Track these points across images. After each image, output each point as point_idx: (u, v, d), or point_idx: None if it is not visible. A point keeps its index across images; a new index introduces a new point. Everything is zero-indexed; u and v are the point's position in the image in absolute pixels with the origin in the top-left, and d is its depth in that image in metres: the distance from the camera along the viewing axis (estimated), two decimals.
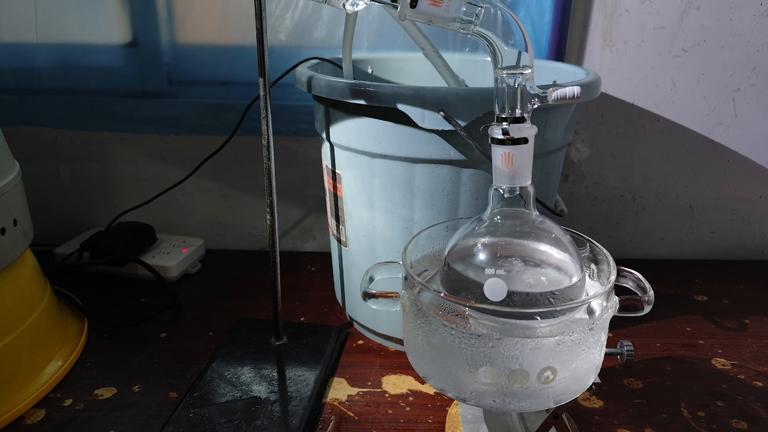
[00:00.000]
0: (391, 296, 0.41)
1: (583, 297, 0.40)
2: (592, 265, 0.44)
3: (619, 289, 0.40)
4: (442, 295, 0.37)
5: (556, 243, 0.42)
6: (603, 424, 0.50)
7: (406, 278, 0.41)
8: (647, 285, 0.41)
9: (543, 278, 0.40)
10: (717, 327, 0.66)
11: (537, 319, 0.39)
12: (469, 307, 0.37)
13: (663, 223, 0.84)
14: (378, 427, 0.50)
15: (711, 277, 0.79)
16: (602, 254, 0.42)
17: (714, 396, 0.54)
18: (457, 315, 0.38)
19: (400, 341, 0.54)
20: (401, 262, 0.42)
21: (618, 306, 0.39)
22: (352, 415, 0.52)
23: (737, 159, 0.80)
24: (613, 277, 0.39)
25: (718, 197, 0.83)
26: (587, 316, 0.39)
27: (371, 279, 0.44)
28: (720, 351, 0.61)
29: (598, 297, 0.38)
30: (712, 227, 0.84)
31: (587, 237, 0.44)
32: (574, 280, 0.40)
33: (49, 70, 0.78)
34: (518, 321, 0.38)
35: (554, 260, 0.41)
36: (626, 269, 0.42)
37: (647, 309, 0.40)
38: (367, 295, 0.42)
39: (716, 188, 0.82)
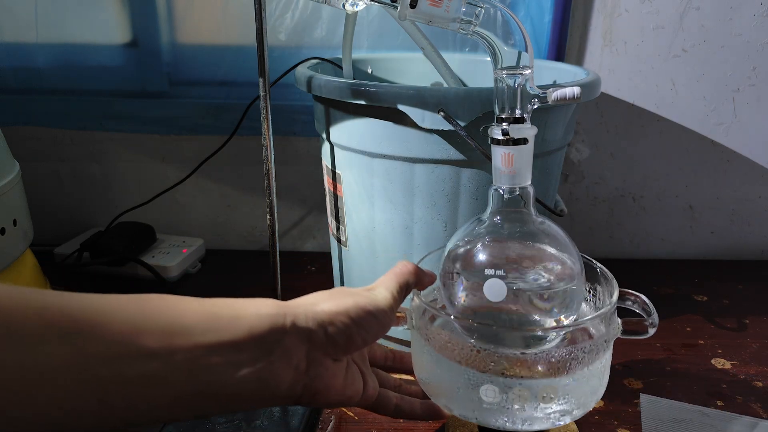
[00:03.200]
0: (399, 315, 0.41)
1: (587, 315, 0.40)
2: (598, 287, 0.44)
3: (623, 312, 0.40)
4: (452, 317, 0.38)
5: (556, 243, 0.42)
6: (603, 424, 0.50)
7: (413, 299, 0.41)
8: (652, 308, 0.40)
9: (543, 278, 0.40)
10: (717, 327, 0.66)
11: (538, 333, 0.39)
12: (477, 324, 0.37)
13: (663, 223, 0.84)
14: (378, 427, 0.50)
15: (711, 277, 0.79)
16: (606, 276, 0.42)
17: (714, 396, 0.54)
18: (461, 332, 0.38)
19: (399, 341, 0.55)
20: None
21: (621, 329, 0.39)
22: (352, 415, 0.52)
23: (737, 159, 0.80)
24: (615, 299, 0.39)
25: (718, 197, 0.83)
26: (589, 338, 0.39)
27: None
28: (720, 351, 0.61)
29: (599, 318, 0.38)
30: (712, 227, 0.84)
31: (592, 259, 0.44)
32: (574, 280, 0.40)
33: (49, 70, 0.79)
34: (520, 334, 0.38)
35: (554, 260, 0.41)
36: (631, 291, 0.41)
37: (651, 332, 0.39)
38: None
39: (716, 188, 0.82)
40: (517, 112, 0.40)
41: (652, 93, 0.77)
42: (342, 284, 0.65)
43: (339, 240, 0.62)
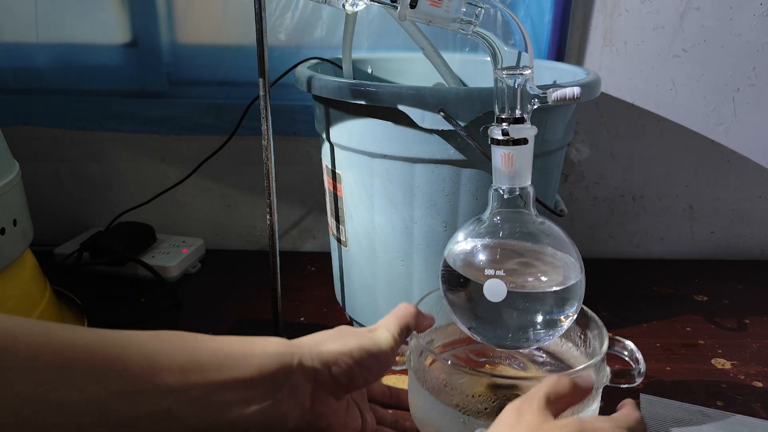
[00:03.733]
0: (398, 358, 0.42)
1: (578, 360, 0.40)
2: (588, 332, 0.44)
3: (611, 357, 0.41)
4: (449, 362, 0.39)
5: (556, 243, 0.42)
6: None
7: (411, 340, 0.42)
8: (640, 357, 0.41)
9: (543, 278, 0.40)
10: (717, 327, 0.66)
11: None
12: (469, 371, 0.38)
13: (663, 223, 0.84)
14: None
15: (711, 277, 0.79)
16: (597, 323, 0.43)
17: (714, 396, 0.54)
18: (456, 375, 0.39)
19: None
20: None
21: (609, 377, 0.40)
22: None
23: (737, 159, 0.80)
24: (605, 348, 0.40)
25: (718, 197, 0.83)
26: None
27: None
28: (720, 351, 0.61)
29: (589, 368, 0.38)
30: (712, 227, 0.84)
31: (587, 308, 0.44)
32: (574, 280, 0.40)
33: (49, 70, 0.78)
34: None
35: (554, 260, 0.41)
36: (620, 339, 0.42)
37: (638, 381, 0.40)
38: None
39: (716, 188, 0.82)
40: (517, 113, 0.40)
41: (652, 93, 0.77)
42: (342, 284, 0.65)
43: (339, 240, 0.62)
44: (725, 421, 0.50)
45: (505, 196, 0.41)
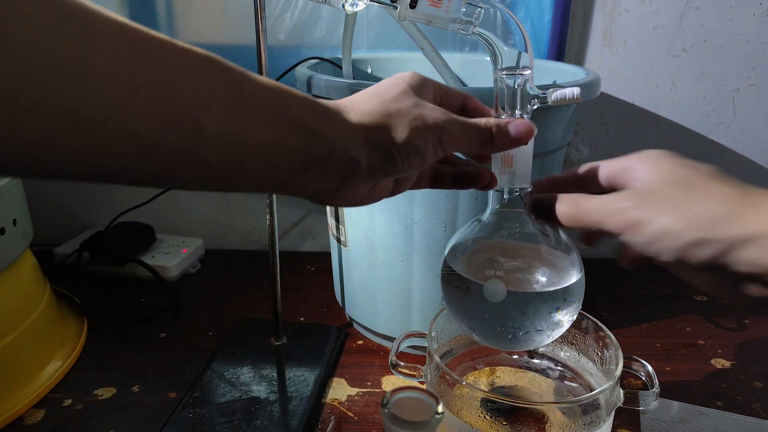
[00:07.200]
0: (413, 375, 0.42)
1: (596, 390, 0.41)
2: (606, 351, 0.45)
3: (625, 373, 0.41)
4: (464, 383, 0.39)
5: (556, 243, 0.42)
6: None
7: (429, 354, 0.42)
8: (656, 380, 0.41)
9: (542, 278, 0.40)
10: (717, 327, 0.66)
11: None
12: (482, 395, 0.39)
13: None
14: (377, 427, 0.50)
15: None
16: (614, 344, 0.43)
17: (714, 396, 0.54)
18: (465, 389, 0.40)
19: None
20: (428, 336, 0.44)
21: (623, 399, 0.40)
22: (351, 415, 0.52)
23: (737, 159, 0.80)
24: (619, 372, 0.40)
25: None
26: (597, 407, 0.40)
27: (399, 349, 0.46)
28: (720, 351, 0.61)
29: (605, 391, 0.39)
30: None
31: (602, 324, 0.44)
32: (574, 280, 0.40)
33: None
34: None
35: (553, 260, 0.41)
36: (639, 359, 0.43)
37: (652, 405, 0.40)
38: (392, 365, 0.44)
39: None
40: (517, 113, 0.40)
41: (652, 93, 0.77)
42: (342, 284, 0.65)
43: (339, 240, 0.62)
44: (724, 421, 0.50)
45: (505, 197, 0.41)
